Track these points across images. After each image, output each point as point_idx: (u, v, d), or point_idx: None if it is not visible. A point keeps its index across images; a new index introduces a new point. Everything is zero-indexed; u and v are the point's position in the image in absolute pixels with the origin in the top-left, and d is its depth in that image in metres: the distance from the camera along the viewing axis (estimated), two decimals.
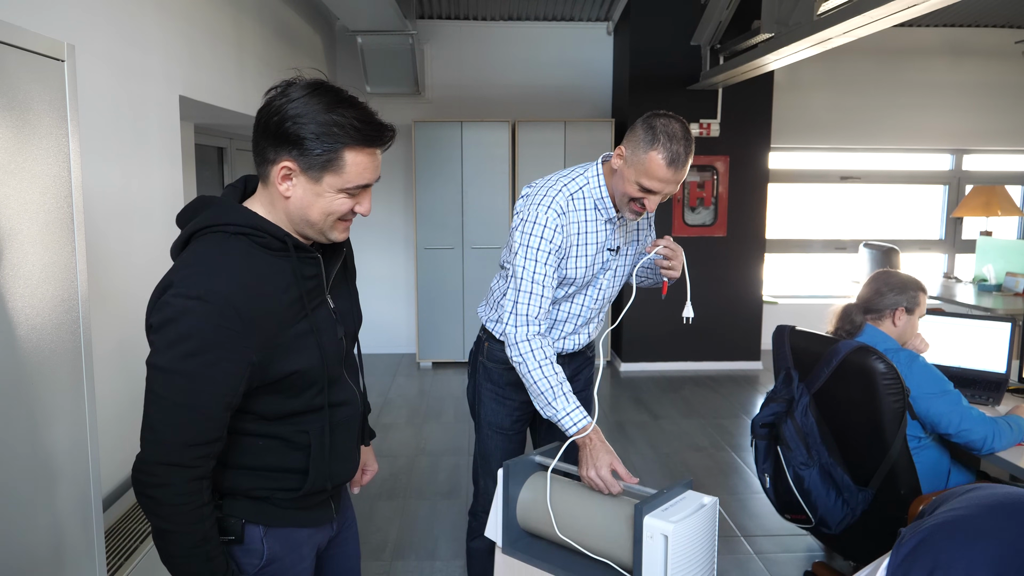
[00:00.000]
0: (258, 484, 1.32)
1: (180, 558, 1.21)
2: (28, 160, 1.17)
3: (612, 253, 2.08)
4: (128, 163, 2.44)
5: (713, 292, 6.03)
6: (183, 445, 1.17)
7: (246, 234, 1.24)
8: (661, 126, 1.82)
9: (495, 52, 6.44)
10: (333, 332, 1.36)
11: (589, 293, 2.11)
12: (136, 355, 2.48)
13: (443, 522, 3.39)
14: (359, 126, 1.22)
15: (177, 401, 1.17)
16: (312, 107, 1.20)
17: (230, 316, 1.17)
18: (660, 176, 1.82)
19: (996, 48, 6.73)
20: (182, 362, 1.16)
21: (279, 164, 1.22)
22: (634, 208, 1.93)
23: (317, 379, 1.31)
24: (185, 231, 1.29)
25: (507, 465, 1.78)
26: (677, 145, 1.80)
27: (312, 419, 1.33)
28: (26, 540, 1.19)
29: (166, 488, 1.17)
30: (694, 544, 1.50)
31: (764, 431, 2.56)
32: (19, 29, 1.14)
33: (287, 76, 1.30)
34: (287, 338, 1.25)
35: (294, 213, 1.27)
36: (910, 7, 2.96)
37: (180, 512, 1.18)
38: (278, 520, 1.35)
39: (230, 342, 1.17)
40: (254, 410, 1.28)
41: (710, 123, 5.89)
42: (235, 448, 1.28)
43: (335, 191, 1.25)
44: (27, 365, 1.19)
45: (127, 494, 2.27)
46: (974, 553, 0.98)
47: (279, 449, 1.32)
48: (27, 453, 1.19)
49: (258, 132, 1.24)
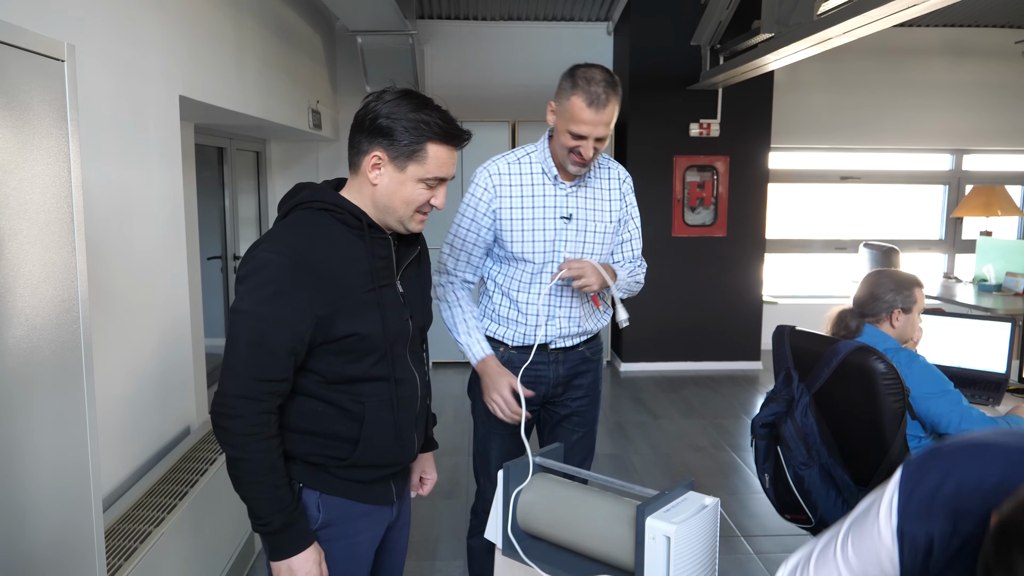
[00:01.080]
0: (313, 450, 1.44)
1: (250, 485, 1.36)
2: (28, 160, 1.17)
3: (565, 222, 2.08)
4: (128, 163, 2.44)
5: (713, 292, 6.03)
6: (253, 379, 1.33)
7: (328, 210, 1.42)
8: (580, 73, 1.93)
9: (495, 52, 6.44)
10: (398, 313, 1.48)
11: (554, 271, 2.09)
12: (136, 355, 2.49)
13: (443, 522, 3.38)
14: (443, 124, 1.40)
15: (251, 340, 1.33)
16: (403, 107, 1.39)
17: (303, 269, 1.34)
18: (584, 119, 1.90)
19: (996, 48, 6.73)
20: (259, 306, 1.33)
21: (371, 154, 1.40)
22: (573, 159, 1.99)
23: (376, 347, 1.43)
24: (285, 207, 1.46)
25: (507, 466, 1.78)
26: (596, 87, 1.89)
27: (369, 389, 1.45)
28: (26, 540, 1.19)
29: (238, 419, 1.33)
30: (696, 545, 1.50)
31: (764, 431, 2.56)
32: (19, 29, 1.14)
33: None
34: (352, 302, 1.39)
35: (380, 199, 1.43)
36: (910, 7, 2.96)
37: (249, 441, 1.33)
38: (332, 488, 1.46)
39: (301, 292, 1.33)
40: (317, 370, 1.41)
41: (710, 123, 5.89)
42: (296, 411, 1.42)
43: (416, 180, 1.41)
44: (27, 365, 1.18)
45: (127, 494, 2.27)
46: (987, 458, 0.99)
47: (335, 416, 1.44)
48: (27, 453, 1.19)
49: (355, 129, 1.43)
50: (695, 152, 5.95)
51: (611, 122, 1.95)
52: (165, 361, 2.69)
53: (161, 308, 2.67)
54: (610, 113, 1.93)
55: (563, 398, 2.24)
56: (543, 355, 2.15)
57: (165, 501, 2.24)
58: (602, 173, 2.17)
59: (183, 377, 2.84)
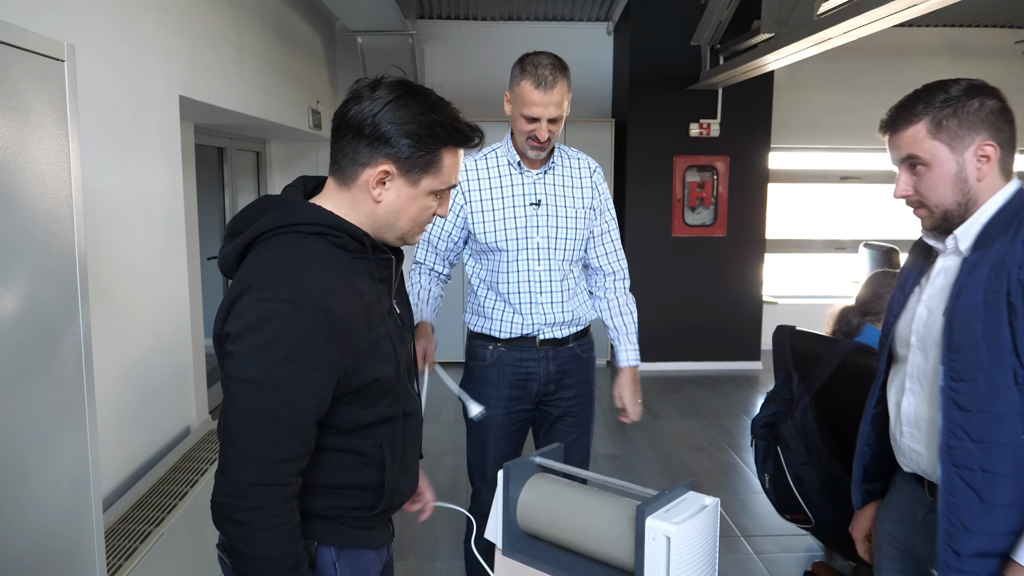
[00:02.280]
0: (331, 503, 1.26)
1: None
2: (28, 160, 1.17)
3: (535, 207, 2.13)
4: (128, 163, 2.43)
5: (713, 292, 6.03)
6: (276, 462, 1.10)
7: (322, 233, 1.17)
8: (528, 59, 2.01)
9: (495, 52, 6.43)
10: (401, 338, 1.30)
11: (529, 256, 2.14)
12: (136, 355, 2.49)
13: (443, 522, 3.38)
14: (456, 125, 1.21)
15: (268, 415, 1.10)
16: (410, 109, 1.17)
17: (320, 320, 1.10)
18: (533, 100, 1.98)
19: (996, 48, 6.73)
20: (272, 371, 1.09)
21: (376, 168, 1.19)
22: (531, 144, 2.06)
23: (393, 387, 1.26)
24: (246, 235, 1.18)
25: (507, 466, 1.77)
26: (543, 70, 1.97)
27: (384, 431, 1.27)
28: (26, 540, 1.19)
29: (260, 511, 1.10)
30: (696, 545, 1.50)
31: (764, 431, 2.56)
32: (19, 29, 1.14)
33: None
34: (369, 344, 1.19)
35: (382, 217, 1.23)
36: (910, 7, 2.96)
37: (273, 536, 1.11)
38: (349, 541, 1.29)
39: (320, 348, 1.11)
40: (331, 422, 1.20)
41: (710, 123, 5.89)
42: (309, 466, 1.19)
43: (428, 193, 1.23)
44: (27, 365, 1.18)
45: (127, 494, 2.27)
46: None
47: (353, 465, 1.26)
48: (27, 453, 1.19)
49: (348, 133, 1.19)
50: (695, 152, 5.95)
51: (561, 103, 2.01)
52: (165, 361, 2.69)
53: (161, 308, 2.67)
54: (559, 94, 1.99)
55: (555, 398, 2.24)
56: (532, 351, 2.18)
57: (165, 501, 2.24)
58: (572, 162, 2.22)
59: (183, 377, 2.84)
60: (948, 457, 1.32)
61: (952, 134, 1.34)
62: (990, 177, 1.35)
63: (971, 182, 1.35)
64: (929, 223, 1.42)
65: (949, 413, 1.32)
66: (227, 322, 1.13)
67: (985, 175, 1.35)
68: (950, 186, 1.35)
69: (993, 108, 1.36)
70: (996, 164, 1.35)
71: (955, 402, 1.31)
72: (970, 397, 1.29)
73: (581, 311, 2.23)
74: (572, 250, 2.18)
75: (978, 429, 1.29)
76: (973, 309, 1.29)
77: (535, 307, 2.16)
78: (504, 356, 2.19)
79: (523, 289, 2.15)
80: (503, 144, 2.19)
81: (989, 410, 1.28)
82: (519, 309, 2.16)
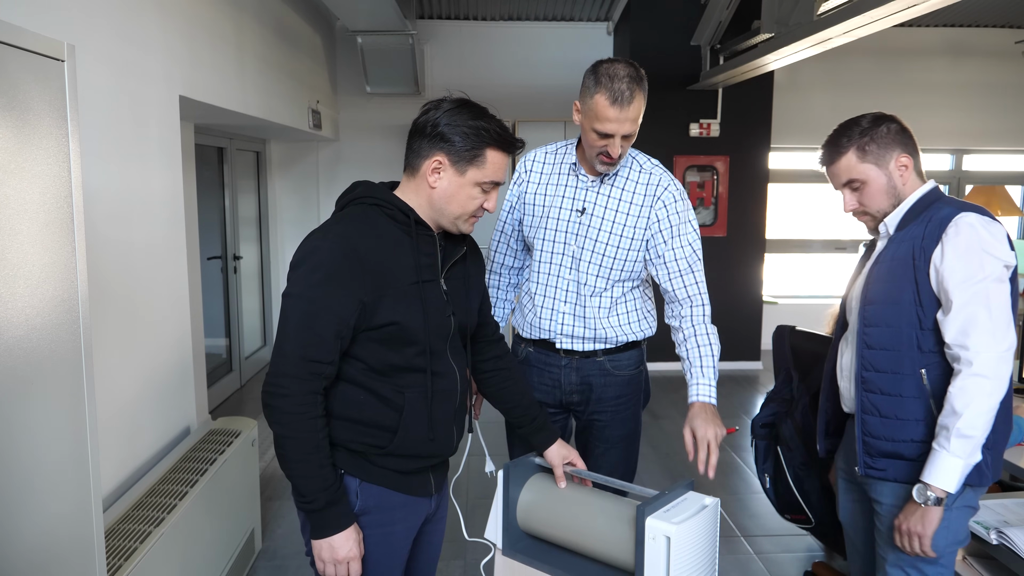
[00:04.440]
0: (355, 437, 1.49)
1: (295, 463, 1.41)
2: (28, 160, 1.17)
3: (579, 214, 2.02)
4: (128, 163, 2.44)
5: (713, 292, 6.00)
6: (301, 359, 1.39)
7: (379, 205, 1.50)
8: (604, 70, 1.86)
9: (495, 52, 6.44)
10: (441, 309, 1.54)
11: (563, 263, 2.04)
12: (136, 355, 2.49)
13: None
14: (500, 132, 1.50)
15: (300, 322, 1.40)
16: (463, 115, 1.47)
17: (352, 257, 1.42)
18: (608, 117, 1.84)
19: (996, 48, 6.73)
20: (309, 289, 1.41)
21: (432, 158, 1.48)
22: (602, 160, 1.93)
23: (417, 339, 1.49)
24: (340, 203, 1.56)
25: (507, 466, 1.78)
26: (619, 84, 1.82)
27: (410, 379, 1.51)
28: (26, 540, 1.19)
29: (286, 398, 1.39)
30: (696, 545, 1.50)
31: (764, 431, 2.56)
32: (19, 29, 1.14)
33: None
34: (396, 291, 1.46)
35: (437, 201, 1.51)
36: (910, 7, 2.96)
37: (296, 419, 1.39)
38: (372, 476, 1.52)
39: (348, 278, 1.41)
40: (361, 357, 1.47)
41: (710, 123, 5.89)
42: (339, 399, 1.48)
43: (474, 184, 1.50)
44: (27, 365, 1.18)
45: (127, 494, 2.27)
46: None
47: (376, 405, 1.49)
48: (27, 453, 1.19)
49: (415, 135, 1.51)
50: (695, 152, 5.95)
51: (637, 118, 1.88)
52: (165, 361, 2.69)
53: (161, 308, 2.67)
54: (636, 110, 1.86)
55: (579, 408, 2.14)
56: (556, 357, 2.09)
57: (165, 501, 2.24)
58: (639, 176, 2.02)
59: (183, 377, 2.84)
60: (861, 385, 1.73)
61: (875, 155, 1.72)
62: (911, 180, 1.74)
63: (899, 187, 1.73)
64: (872, 226, 1.80)
65: (861, 351, 1.72)
66: (294, 256, 1.45)
67: (907, 180, 1.73)
68: (885, 195, 1.74)
69: (897, 129, 1.73)
70: (912, 169, 1.73)
71: (866, 343, 1.71)
72: (877, 339, 1.69)
73: (614, 332, 2.06)
74: (608, 268, 2.01)
75: (883, 362, 1.68)
76: (884, 272, 1.70)
77: (555, 314, 2.06)
78: (532, 357, 2.13)
79: (548, 294, 2.07)
80: (570, 146, 2.08)
81: (892, 348, 1.67)
82: (539, 312, 2.09)
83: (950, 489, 1.55)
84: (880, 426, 1.70)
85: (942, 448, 1.55)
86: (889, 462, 1.70)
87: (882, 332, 1.68)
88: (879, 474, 1.72)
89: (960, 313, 1.56)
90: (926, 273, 1.62)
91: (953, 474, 1.54)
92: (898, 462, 1.69)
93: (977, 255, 1.57)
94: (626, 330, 2.08)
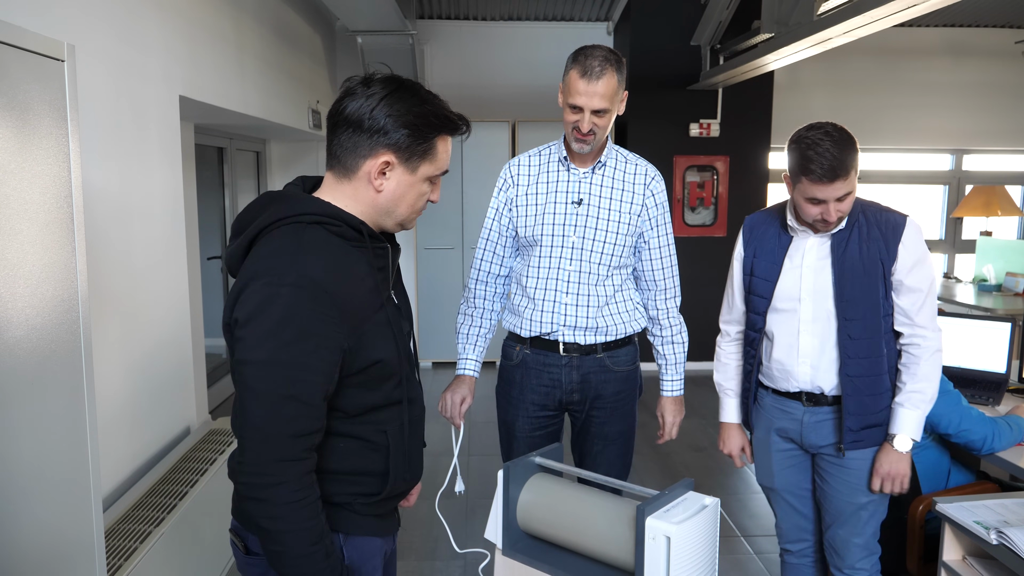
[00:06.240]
0: (339, 489, 1.30)
1: (298, 558, 1.18)
2: (28, 160, 1.17)
3: (576, 206, 2.09)
4: (128, 163, 2.44)
5: (713, 292, 6.02)
6: (292, 438, 1.16)
7: (321, 223, 1.23)
8: (581, 50, 1.97)
9: (495, 52, 6.43)
10: (400, 325, 1.36)
11: (562, 255, 2.08)
12: (136, 355, 2.49)
13: (443, 523, 3.38)
14: (446, 114, 1.30)
15: (281, 393, 1.14)
16: (406, 102, 1.25)
17: (323, 301, 1.17)
18: (578, 90, 1.94)
19: (996, 48, 6.73)
20: (281, 351, 1.14)
21: (377, 159, 1.26)
22: (575, 136, 2.02)
23: (395, 371, 1.31)
24: (251, 230, 1.25)
25: (507, 467, 1.77)
26: (591, 60, 1.93)
27: (389, 416, 1.33)
28: (26, 540, 1.19)
29: (282, 486, 1.15)
30: (696, 546, 1.50)
31: None
32: (19, 29, 1.14)
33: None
34: (370, 326, 1.25)
35: (384, 204, 1.30)
36: (910, 7, 2.96)
37: (295, 509, 1.16)
38: (357, 528, 1.33)
39: (325, 327, 1.17)
40: (337, 405, 1.26)
41: (710, 123, 5.89)
42: (318, 452, 1.24)
43: (424, 179, 1.31)
44: (27, 365, 1.18)
45: (127, 494, 2.27)
46: None
47: (359, 450, 1.31)
48: (27, 453, 1.19)
49: (345, 129, 1.26)
50: (695, 152, 5.95)
51: (607, 95, 1.95)
52: (165, 361, 2.69)
53: (161, 308, 2.67)
54: (604, 86, 1.93)
55: (578, 408, 2.16)
56: (556, 356, 2.11)
57: (165, 501, 2.24)
58: (626, 166, 2.14)
59: (183, 377, 2.84)
60: (844, 371, 1.95)
61: (856, 170, 1.92)
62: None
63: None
64: (828, 230, 1.95)
65: (842, 342, 1.94)
66: (235, 309, 1.19)
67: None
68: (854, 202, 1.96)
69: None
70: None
71: (847, 334, 1.93)
72: (856, 329, 1.93)
73: (613, 321, 2.12)
74: (609, 255, 2.08)
75: (863, 350, 1.93)
76: (854, 271, 1.92)
77: (557, 306, 2.09)
78: (529, 359, 2.14)
79: (548, 287, 2.09)
80: (558, 141, 2.15)
81: (868, 337, 1.93)
82: (540, 306, 2.10)
83: (918, 438, 1.95)
84: (863, 405, 1.96)
85: (916, 408, 1.93)
86: (868, 432, 1.98)
87: (861, 324, 1.93)
88: (861, 445, 1.98)
89: (920, 302, 1.92)
90: (891, 270, 1.92)
91: (921, 426, 1.95)
92: (875, 430, 1.98)
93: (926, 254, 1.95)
94: (624, 319, 2.16)
